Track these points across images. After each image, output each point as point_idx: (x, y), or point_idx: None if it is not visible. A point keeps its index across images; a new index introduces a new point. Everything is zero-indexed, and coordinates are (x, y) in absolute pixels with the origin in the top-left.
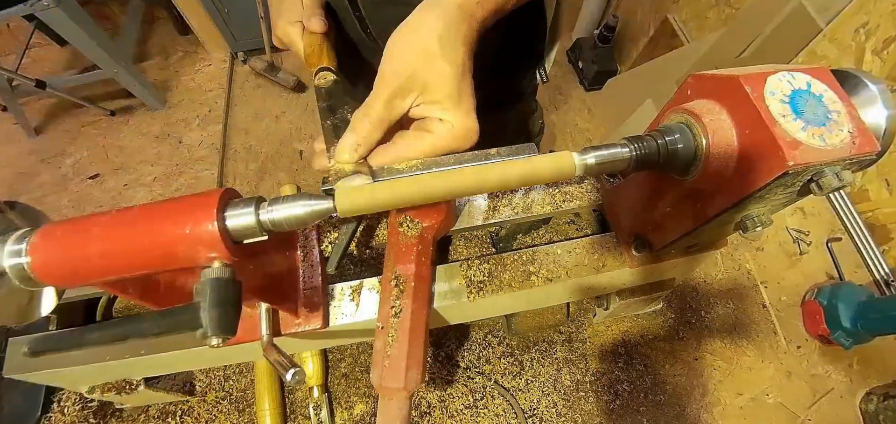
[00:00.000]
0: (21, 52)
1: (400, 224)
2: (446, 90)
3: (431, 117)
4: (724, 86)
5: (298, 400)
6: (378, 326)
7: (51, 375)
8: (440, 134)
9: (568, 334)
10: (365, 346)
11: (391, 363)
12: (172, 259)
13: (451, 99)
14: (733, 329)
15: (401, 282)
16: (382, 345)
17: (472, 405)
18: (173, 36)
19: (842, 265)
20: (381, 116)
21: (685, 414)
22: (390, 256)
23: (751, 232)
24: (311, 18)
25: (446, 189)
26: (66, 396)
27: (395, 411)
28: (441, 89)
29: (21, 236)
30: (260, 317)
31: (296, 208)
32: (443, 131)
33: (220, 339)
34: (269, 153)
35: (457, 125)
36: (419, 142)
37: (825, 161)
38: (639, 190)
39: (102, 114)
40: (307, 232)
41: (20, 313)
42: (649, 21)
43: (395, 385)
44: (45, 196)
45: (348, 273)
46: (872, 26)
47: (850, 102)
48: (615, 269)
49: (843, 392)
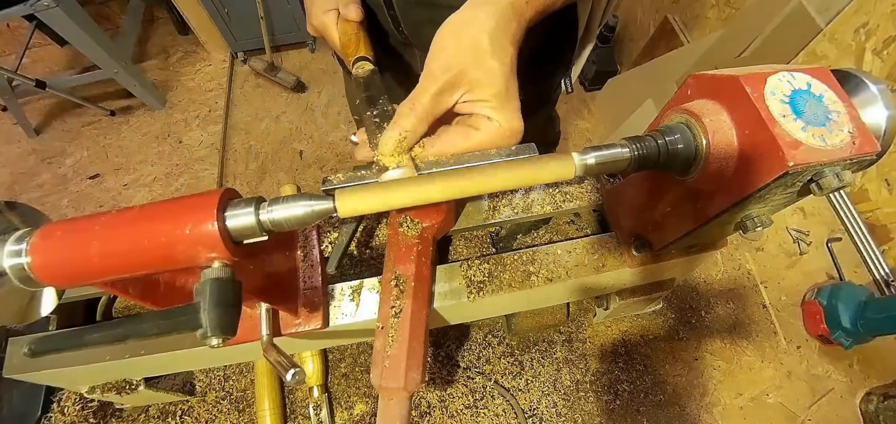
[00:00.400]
0: (21, 52)
1: (400, 224)
2: (495, 88)
3: (477, 114)
4: (724, 86)
5: (298, 400)
6: (378, 326)
7: (51, 375)
8: (486, 132)
9: (568, 334)
10: (365, 346)
11: (391, 363)
12: (172, 259)
13: (498, 97)
14: (733, 329)
15: (401, 282)
16: (382, 345)
17: (472, 405)
18: (173, 36)
19: (842, 265)
20: (428, 110)
21: (685, 414)
22: (390, 256)
23: (751, 232)
24: (347, 6)
25: (447, 190)
26: (66, 396)
27: (395, 411)
28: (490, 87)
29: (21, 236)
30: (260, 317)
31: (296, 208)
32: (489, 129)
33: (220, 339)
34: (269, 153)
35: (503, 124)
36: (464, 139)
37: (825, 161)
38: (639, 190)
39: (102, 114)
40: (307, 232)
41: (20, 313)
42: (649, 21)
43: (395, 386)
44: (45, 196)
45: (348, 273)
46: (872, 26)
47: (851, 102)
48: (615, 269)
49: (843, 392)
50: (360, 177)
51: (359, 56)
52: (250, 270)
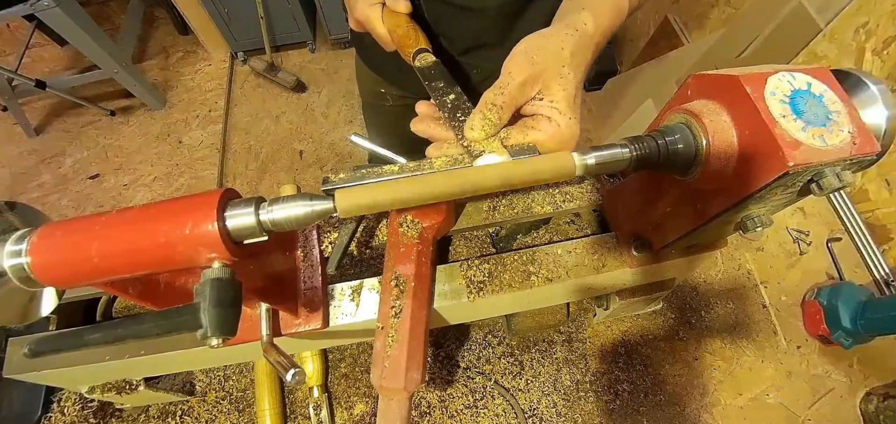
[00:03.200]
0: (21, 52)
1: (400, 224)
2: (565, 94)
3: (540, 115)
4: (724, 86)
5: (298, 400)
6: (378, 326)
7: (51, 375)
8: (547, 133)
9: (568, 334)
10: (365, 346)
11: (391, 363)
12: (172, 259)
13: (567, 102)
14: (733, 329)
15: (401, 282)
16: (382, 345)
17: (472, 405)
18: (173, 36)
19: (842, 265)
20: (515, 97)
21: (685, 414)
22: (390, 256)
23: (751, 232)
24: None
25: (447, 190)
26: (66, 396)
27: (395, 411)
28: (562, 92)
29: (21, 236)
30: (260, 317)
31: (296, 208)
32: (550, 131)
33: (220, 339)
34: (269, 153)
35: (564, 126)
36: (524, 138)
37: (825, 161)
38: (639, 190)
39: (102, 114)
40: (307, 232)
41: (20, 313)
42: (649, 21)
43: (395, 386)
44: (45, 196)
45: (348, 273)
46: (872, 26)
47: (851, 103)
48: (615, 269)
49: (843, 392)
50: (360, 176)
51: (419, 48)
52: (250, 270)
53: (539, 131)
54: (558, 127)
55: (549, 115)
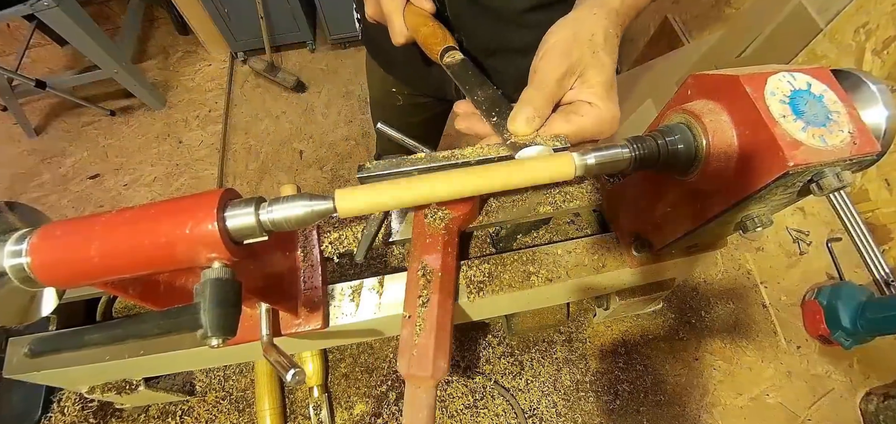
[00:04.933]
0: (21, 52)
1: (426, 214)
2: (603, 78)
3: (580, 101)
4: (724, 86)
5: (298, 400)
6: (405, 316)
7: (51, 375)
8: (589, 117)
9: (568, 334)
10: (365, 346)
11: (419, 351)
12: (172, 259)
13: (605, 86)
14: (733, 329)
15: (428, 272)
16: (410, 334)
17: (472, 405)
18: (173, 36)
19: (842, 265)
20: (554, 91)
21: (685, 414)
22: (417, 246)
23: (751, 232)
24: None
25: (448, 190)
26: (66, 396)
27: (422, 399)
28: (599, 77)
29: (21, 236)
30: (260, 317)
31: (296, 208)
32: (592, 115)
33: (220, 340)
34: (269, 153)
35: (604, 111)
36: (565, 122)
37: (825, 161)
38: (639, 190)
39: (102, 114)
40: (307, 232)
41: (20, 313)
42: (649, 21)
43: (423, 374)
44: (45, 196)
45: (348, 273)
46: (872, 26)
47: (851, 103)
48: (615, 269)
49: (843, 392)
50: (395, 164)
51: (447, 46)
52: (250, 270)
53: (581, 116)
54: (599, 110)
55: (590, 101)
